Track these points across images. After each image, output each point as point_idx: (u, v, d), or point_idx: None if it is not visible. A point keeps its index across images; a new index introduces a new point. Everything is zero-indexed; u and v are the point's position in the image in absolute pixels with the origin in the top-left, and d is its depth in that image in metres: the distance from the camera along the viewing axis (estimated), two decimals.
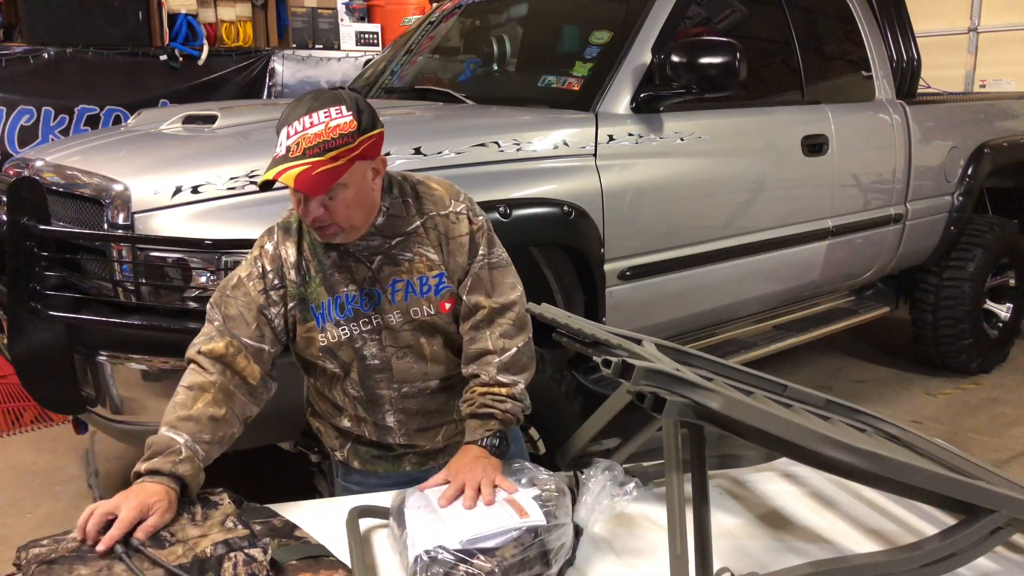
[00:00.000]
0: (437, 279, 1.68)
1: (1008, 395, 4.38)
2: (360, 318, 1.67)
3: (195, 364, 1.60)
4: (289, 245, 1.67)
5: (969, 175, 4.35)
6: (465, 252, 1.70)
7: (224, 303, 1.64)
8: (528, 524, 1.35)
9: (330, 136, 1.49)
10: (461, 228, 1.70)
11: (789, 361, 4.51)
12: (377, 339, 1.68)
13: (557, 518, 1.39)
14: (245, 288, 1.64)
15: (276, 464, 3.25)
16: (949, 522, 1.48)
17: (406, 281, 1.67)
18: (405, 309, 1.68)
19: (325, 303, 1.66)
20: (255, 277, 1.65)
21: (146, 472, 1.43)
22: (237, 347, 1.61)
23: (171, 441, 1.48)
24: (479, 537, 1.32)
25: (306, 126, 1.50)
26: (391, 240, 1.67)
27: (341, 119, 1.50)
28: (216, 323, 1.63)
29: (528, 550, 1.32)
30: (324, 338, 1.67)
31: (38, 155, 2.85)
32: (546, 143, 2.75)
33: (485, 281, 1.71)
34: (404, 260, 1.67)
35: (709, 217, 3.20)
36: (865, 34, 3.98)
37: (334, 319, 1.66)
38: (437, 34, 3.92)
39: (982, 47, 6.43)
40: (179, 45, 4.90)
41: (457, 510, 1.40)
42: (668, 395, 1.19)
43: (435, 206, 1.70)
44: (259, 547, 1.26)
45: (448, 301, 1.70)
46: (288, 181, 1.48)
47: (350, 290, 1.66)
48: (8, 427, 3.89)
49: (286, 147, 1.50)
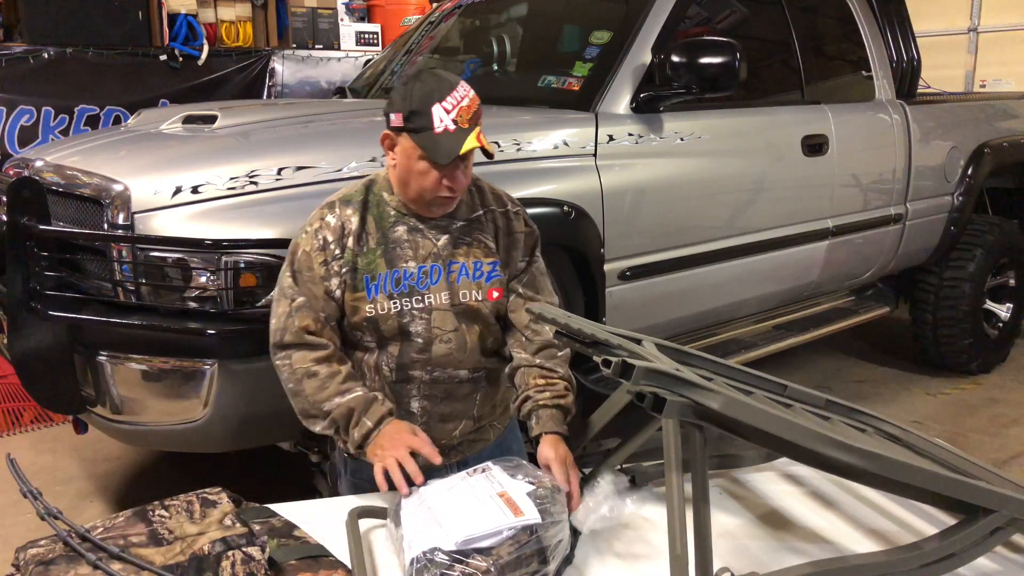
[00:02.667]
0: (491, 267, 1.76)
1: (1008, 395, 4.38)
2: (414, 295, 1.72)
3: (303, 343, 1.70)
4: (352, 216, 1.73)
5: (969, 175, 4.35)
6: (520, 249, 1.80)
7: (298, 280, 1.71)
8: (523, 522, 1.35)
9: (475, 106, 1.64)
10: (519, 226, 1.81)
11: (789, 361, 4.51)
12: (426, 319, 1.73)
13: (553, 515, 1.38)
14: (310, 263, 1.71)
15: (276, 464, 3.25)
16: (949, 522, 1.48)
17: (462, 264, 1.74)
18: (457, 291, 1.73)
19: (382, 275, 1.71)
20: (316, 250, 1.71)
21: (376, 423, 1.63)
22: (322, 321, 1.71)
23: (363, 396, 1.66)
24: (474, 537, 1.32)
25: (459, 99, 1.61)
26: (456, 222, 1.75)
27: (472, 92, 1.64)
28: (298, 301, 1.70)
29: (524, 548, 1.32)
30: (372, 309, 1.71)
31: (38, 155, 2.85)
32: (546, 143, 2.75)
33: (538, 280, 1.82)
34: (463, 243, 1.75)
35: (709, 217, 3.20)
36: (865, 34, 3.98)
37: (388, 291, 1.70)
38: (437, 34, 3.92)
39: (982, 47, 6.43)
40: (179, 45, 4.89)
41: (453, 509, 1.40)
42: (668, 395, 1.19)
43: (496, 202, 1.81)
44: (257, 545, 1.26)
45: (496, 290, 1.76)
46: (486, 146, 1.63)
47: (410, 266, 1.72)
48: (8, 427, 3.89)
49: (452, 120, 1.60)
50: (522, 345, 1.77)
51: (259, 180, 2.30)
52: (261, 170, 2.32)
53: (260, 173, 2.31)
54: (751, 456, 1.81)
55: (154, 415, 2.36)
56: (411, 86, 1.64)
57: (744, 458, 1.81)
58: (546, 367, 1.74)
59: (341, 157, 2.42)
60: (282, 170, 2.33)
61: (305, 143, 2.56)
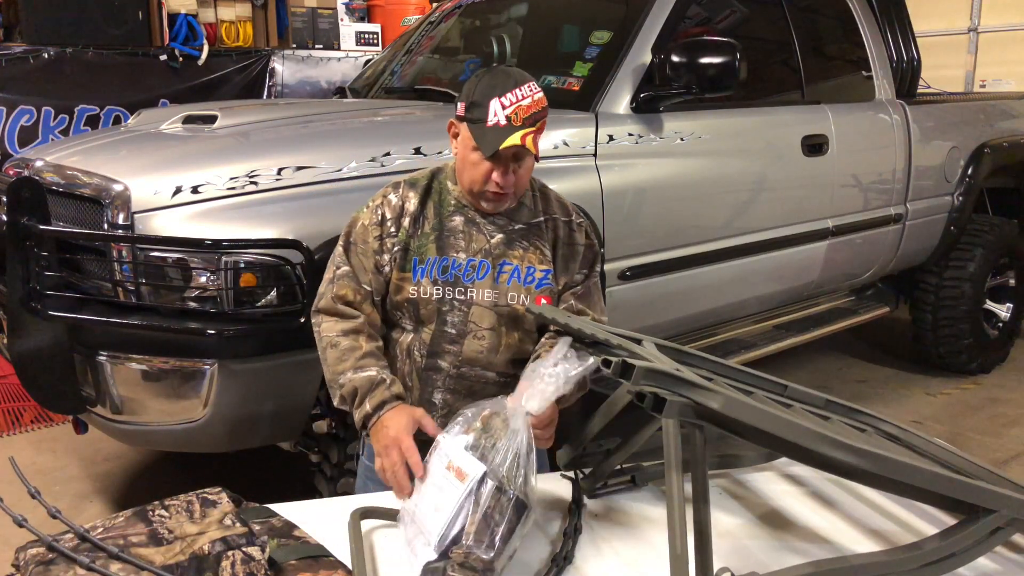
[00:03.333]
0: (544, 274, 1.76)
1: (1008, 395, 4.38)
2: (458, 285, 1.72)
3: (335, 312, 1.72)
4: (413, 197, 1.76)
5: (969, 175, 4.35)
6: (578, 261, 1.80)
7: (351, 251, 1.75)
8: (471, 483, 1.32)
9: (538, 108, 1.64)
10: (580, 238, 1.81)
11: (789, 361, 4.51)
12: (464, 311, 1.73)
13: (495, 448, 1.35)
14: (365, 236, 1.74)
15: (276, 464, 3.25)
16: (949, 522, 1.48)
17: (515, 266, 1.74)
18: (504, 292, 1.73)
19: (431, 260, 1.72)
20: (374, 224, 1.74)
21: (374, 408, 1.61)
22: (364, 294, 1.73)
23: (370, 377, 1.64)
24: (443, 531, 1.32)
25: (519, 98, 1.62)
26: (514, 224, 1.76)
27: (538, 94, 1.65)
28: (342, 270, 1.74)
29: (487, 502, 1.31)
30: (415, 291, 1.72)
31: (38, 155, 2.85)
32: (546, 143, 2.72)
33: (593, 295, 1.83)
34: (520, 246, 1.75)
35: (709, 217, 3.20)
36: (865, 34, 3.98)
37: (433, 277, 1.72)
38: (437, 34, 3.92)
39: (982, 47, 6.43)
40: (179, 45, 4.89)
41: (424, 509, 1.38)
42: (668, 395, 1.19)
43: (560, 212, 1.81)
44: (257, 545, 1.26)
45: (545, 298, 1.76)
46: (530, 146, 1.62)
47: (460, 257, 1.73)
48: (8, 427, 3.89)
49: (506, 116, 1.61)
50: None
51: (259, 180, 2.30)
52: (261, 170, 2.32)
53: (260, 173, 2.31)
54: (751, 456, 1.81)
55: (154, 415, 2.36)
56: (480, 78, 1.68)
57: (744, 458, 1.81)
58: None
59: (341, 157, 2.43)
60: (282, 170, 2.33)
61: (305, 143, 2.56)
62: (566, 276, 1.80)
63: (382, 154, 2.47)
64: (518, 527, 1.34)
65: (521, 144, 1.61)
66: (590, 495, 1.68)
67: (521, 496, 1.34)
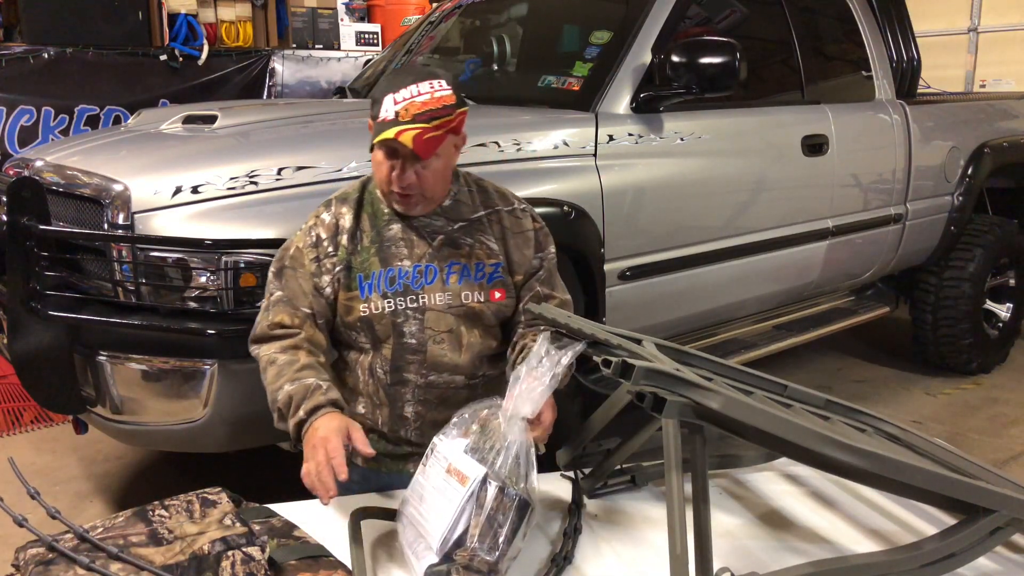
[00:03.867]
0: (493, 268, 1.75)
1: (1008, 395, 4.38)
2: (408, 294, 1.70)
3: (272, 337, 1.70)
4: (346, 212, 1.74)
5: (969, 175, 4.35)
6: (532, 246, 1.79)
7: (284, 276, 1.72)
8: (473, 485, 1.32)
9: (436, 105, 1.58)
10: (526, 224, 1.80)
11: (789, 361, 4.51)
12: (420, 319, 1.71)
13: (494, 449, 1.35)
14: (300, 259, 1.72)
15: (276, 464, 3.25)
16: (949, 522, 1.48)
17: (463, 265, 1.73)
18: (457, 292, 1.72)
19: (376, 273, 1.70)
20: (309, 246, 1.72)
21: (307, 413, 1.55)
22: (302, 317, 1.70)
23: (306, 385, 1.59)
24: (444, 534, 1.31)
25: (414, 94, 1.58)
26: (454, 224, 1.74)
27: (443, 91, 1.60)
28: (276, 295, 1.71)
29: (491, 504, 1.31)
30: (366, 308, 1.70)
31: (38, 155, 2.85)
32: (546, 143, 2.75)
33: (554, 276, 1.82)
34: (465, 245, 1.74)
35: (709, 217, 3.20)
36: (865, 34, 3.98)
37: (382, 291, 1.70)
38: (437, 34, 3.92)
39: (982, 47, 6.43)
40: (179, 45, 4.89)
41: (425, 512, 1.38)
42: (668, 395, 1.19)
43: (501, 202, 1.80)
44: (257, 545, 1.26)
45: (499, 291, 1.75)
46: (406, 141, 1.56)
47: (404, 265, 1.70)
48: (8, 427, 3.89)
49: (395, 112, 1.57)
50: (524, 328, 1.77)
51: (259, 180, 2.30)
52: (261, 170, 2.32)
53: (260, 173, 2.31)
54: (751, 456, 1.81)
55: (154, 415, 2.36)
56: (387, 76, 1.66)
57: (744, 458, 1.81)
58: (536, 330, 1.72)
59: (341, 157, 2.43)
60: (282, 170, 2.33)
61: (305, 143, 2.56)
62: (524, 264, 1.78)
63: None
64: (521, 526, 1.34)
65: (395, 138, 1.55)
66: (590, 495, 1.68)
67: (524, 496, 1.34)
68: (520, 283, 1.79)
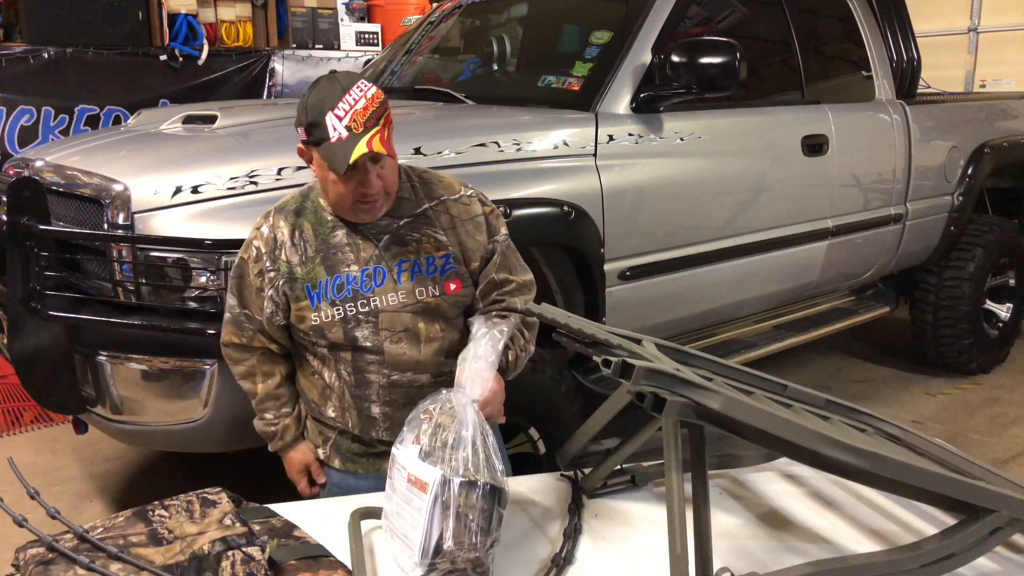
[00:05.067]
0: (444, 260, 1.73)
1: (1008, 395, 4.38)
2: (358, 299, 1.69)
3: (228, 357, 1.88)
4: (283, 225, 1.74)
5: (969, 175, 4.35)
6: (483, 231, 1.77)
7: (235, 288, 1.79)
8: (433, 490, 1.32)
9: (374, 106, 1.59)
10: (475, 209, 1.77)
11: (789, 361, 4.51)
12: (372, 322, 1.70)
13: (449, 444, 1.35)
14: (246, 272, 1.76)
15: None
16: (949, 522, 1.48)
17: (413, 261, 1.72)
18: (411, 290, 1.71)
19: (323, 282, 1.69)
20: (252, 260, 1.75)
21: (278, 449, 1.89)
22: (251, 333, 1.79)
23: (267, 425, 1.87)
24: (422, 545, 1.31)
25: (351, 104, 1.57)
26: (399, 220, 1.73)
27: (371, 90, 1.60)
28: (228, 314, 1.82)
29: (456, 503, 1.31)
30: (317, 317, 1.70)
31: (38, 155, 2.85)
32: (546, 143, 2.75)
33: (510, 259, 1.80)
34: (412, 240, 1.72)
35: (709, 217, 3.20)
36: (865, 34, 3.98)
37: (330, 298, 1.69)
38: (437, 34, 3.92)
39: (982, 47, 6.43)
40: (179, 45, 4.89)
41: (401, 526, 1.38)
42: (668, 395, 1.19)
43: (446, 191, 1.78)
44: (257, 545, 1.26)
45: (454, 282, 1.74)
46: (378, 149, 1.56)
47: (352, 270, 1.70)
48: (8, 427, 3.89)
49: (346, 127, 1.56)
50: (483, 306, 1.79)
51: (259, 180, 2.30)
52: (261, 170, 2.32)
53: (260, 173, 2.31)
54: (751, 456, 1.81)
55: (154, 415, 2.36)
56: (307, 97, 1.63)
57: (744, 458, 1.81)
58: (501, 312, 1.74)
59: None
60: (282, 170, 2.33)
61: None
62: (478, 250, 1.76)
63: None
64: (494, 512, 1.33)
65: (369, 150, 1.55)
66: (590, 495, 1.68)
67: (491, 481, 1.33)
68: (476, 270, 1.77)
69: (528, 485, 1.73)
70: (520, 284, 1.80)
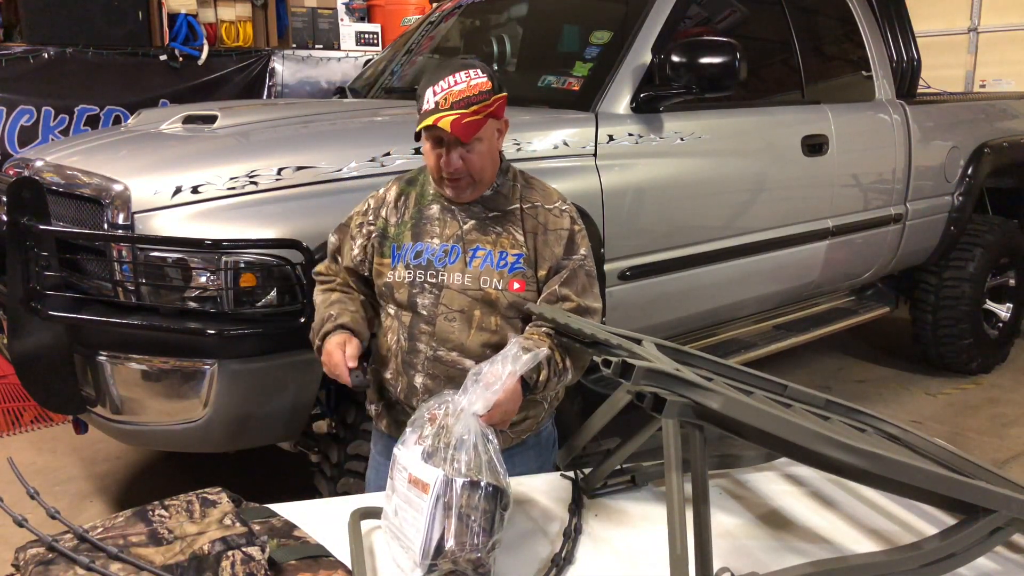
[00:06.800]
0: (516, 258, 1.79)
1: (1008, 395, 4.38)
2: (430, 269, 1.79)
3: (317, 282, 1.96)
4: (395, 189, 1.90)
5: (969, 175, 4.35)
6: (563, 245, 1.81)
7: (339, 232, 1.94)
8: (435, 491, 1.32)
9: (472, 92, 1.68)
10: (563, 223, 1.83)
11: (789, 361, 4.51)
12: (435, 294, 1.79)
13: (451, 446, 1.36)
14: (351, 221, 1.92)
15: (276, 464, 3.25)
16: (949, 522, 1.48)
17: (488, 251, 1.79)
18: (477, 276, 1.78)
19: (407, 245, 1.82)
20: (360, 212, 1.91)
21: (320, 339, 1.80)
22: (337, 268, 1.93)
23: (323, 317, 1.83)
24: (423, 545, 1.31)
25: (451, 84, 1.69)
26: (489, 212, 1.81)
27: (479, 79, 1.70)
28: (330, 243, 1.95)
29: (458, 503, 1.31)
30: (392, 275, 1.83)
31: (38, 155, 2.85)
32: (546, 143, 2.75)
33: (579, 280, 1.82)
34: (493, 232, 1.80)
35: (709, 217, 3.20)
36: (865, 34, 3.98)
37: (406, 261, 1.81)
38: (437, 34, 3.92)
39: (982, 47, 6.43)
40: (179, 45, 4.89)
41: (403, 527, 1.38)
42: (668, 395, 1.19)
43: (543, 199, 1.85)
44: (257, 545, 1.26)
45: (519, 282, 1.79)
46: (445, 126, 1.66)
47: (433, 243, 1.81)
48: (8, 427, 3.89)
49: (434, 102, 1.68)
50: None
51: (259, 180, 2.30)
52: (261, 170, 2.32)
53: (260, 173, 2.31)
54: (751, 456, 1.81)
55: (154, 415, 2.36)
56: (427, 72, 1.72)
57: (744, 458, 1.81)
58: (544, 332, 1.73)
59: (341, 157, 2.43)
60: (282, 170, 2.33)
61: (305, 143, 2.56)
62: (550, 261, 1.80)
63: (382, 154, 2.47)
64: (496, 513, 1.34)
65: (435, 124, 1.66)
66: (590, 495, 1.68)
67: (493, 482, 1.34)
68: (543, 278, 1.80)
69: (528, 485, 1.73)
70: (581, 307, 1.79)
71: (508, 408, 1.56)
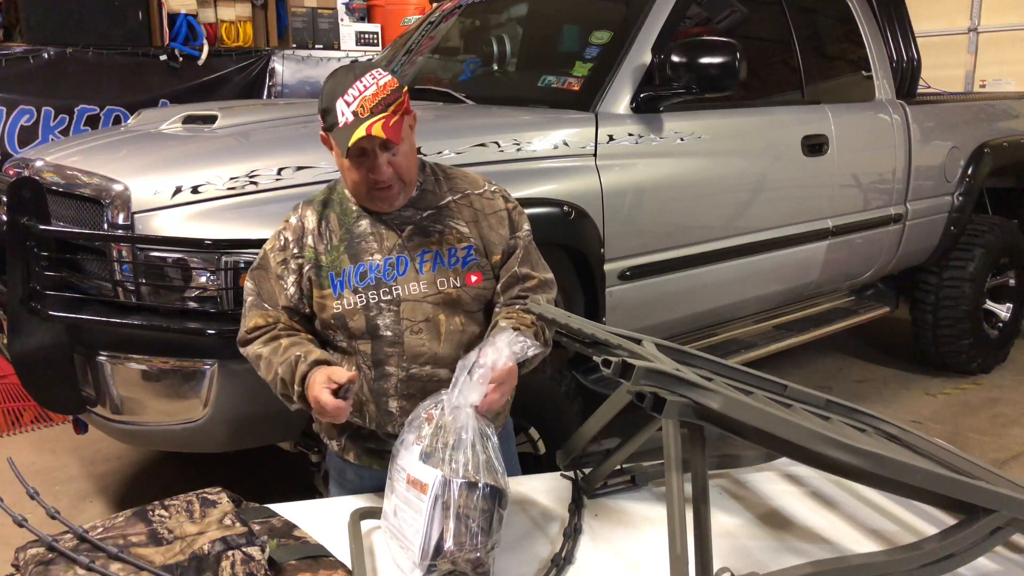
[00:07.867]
0: (465, 251, 1.75)
1: (1008, 395, 4.38)
2: (380, 287, 1.71)
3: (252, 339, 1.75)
4: (311, 215, 1.77)
5: (969, 175, 4.35)
6: (506, 225, 1.79)
7: (256, 279, 1.78)
8: (433, 491, 1.33)
9: (385, 93, 1.62)
10: (498, 204, 1.80)
11: (789, 361, 4.51)
12: (394, 311, 1.71)
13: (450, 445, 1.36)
14: (268, 263, 1.76)
15: (276, 464, 3.25)
16: (949, 522, 1.48)
17: (435, 252, 1.74)
18: (432, 280, 1.72)
19: (347, 270, 1.72)
20: (277, 249, 1.76)
21: (300, 386, 1.63)
22: (275, 315, 1.74)
23: (290, 362, 1.65)
24: (422, 546, 1.32)
25: (361, 90, 1.62)
26: (422, 212, 1.75)
27: (385, 77, 1.64)
28: (249, 300, 1.77)
29: (456, 504, 1.31)
30: (339, 305, 1.71)
31: (38, 155, 2.85)
32: (546, 143, 2.75)
33: (532, 256, 1.81)
34: (434, 231, 1.74)
35: (709, 217, 3.20)
36: (865, 34, 3.98)
37: (353, 286, 1.71)
38: (437, 34, 3.92)
39: (982, 47, 6.43)
40: (179, 45, 4.89)
41: (401, 527, 1.38)
42: (668, 395, 1.19)
43: (470, 186, 1.81)
44: (257, 545, 1.26)
45: (475, 274, 1.75)
46: (378, 133, 1.58)
47: (375, 259, 1.72)
48: (8, 427, 3.89)
49: (352, 112, 1.61)
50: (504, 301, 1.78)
51: (259, 180, 2.30)
52: (261, 170, 2.32)
53: (260, 173, 2.31)
54: (751, 456, 1.81)
55: (154, 415, 2.36)
56: (325, 85, 1.69)
57: (744, 458, 1.81)
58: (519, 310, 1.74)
59: None
60: (282, 170, 2.33)
61: (305, 143, 2.55)
62: (500, 244, 1.78)
63: None
64: (495, 513, 1.34)
65: (367, 134, 1.58)
66: (590, 495, 1.68)
67: (491, 483, 1.34)
68: (498, 263, 1.79)
69: (528, 485, 1.74)
70: (542, 281, 1.81)
71: (506, 389, 1.56)
